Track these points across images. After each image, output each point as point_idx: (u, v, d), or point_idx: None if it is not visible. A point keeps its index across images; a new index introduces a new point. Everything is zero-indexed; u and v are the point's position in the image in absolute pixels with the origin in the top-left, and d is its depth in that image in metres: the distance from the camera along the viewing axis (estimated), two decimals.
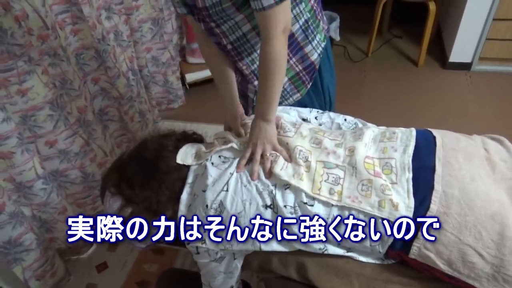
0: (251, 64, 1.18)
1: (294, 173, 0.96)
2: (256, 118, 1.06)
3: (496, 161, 0.96)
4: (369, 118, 1.21)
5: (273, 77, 1.01)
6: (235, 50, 1.14)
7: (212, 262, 1.01)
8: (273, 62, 0.99)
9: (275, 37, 0.97)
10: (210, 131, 2.40)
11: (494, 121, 2.30)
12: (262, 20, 0.97)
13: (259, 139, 1.02)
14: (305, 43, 1.16)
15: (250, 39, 1.11)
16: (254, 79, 1.22)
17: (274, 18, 0.95)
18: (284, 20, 0.97)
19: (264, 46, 1.00)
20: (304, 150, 1.00)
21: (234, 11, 1.01)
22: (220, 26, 1.08)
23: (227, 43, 1.13)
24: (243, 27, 1.07)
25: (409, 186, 0.91)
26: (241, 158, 1.01)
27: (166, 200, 1.01)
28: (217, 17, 1.04)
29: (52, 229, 1.61)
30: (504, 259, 0.83)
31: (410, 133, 1.03)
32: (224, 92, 1.24)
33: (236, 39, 1.11)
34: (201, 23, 1.10)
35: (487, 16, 2.45)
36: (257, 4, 0.94)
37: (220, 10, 1.00)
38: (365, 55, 3.01)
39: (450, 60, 2.71)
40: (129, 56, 2.05)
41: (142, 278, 1.68)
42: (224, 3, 0.99)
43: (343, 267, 0.97)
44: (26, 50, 1.30)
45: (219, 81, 1.24)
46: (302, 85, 1.24)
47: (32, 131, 1.44)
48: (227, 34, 1.10)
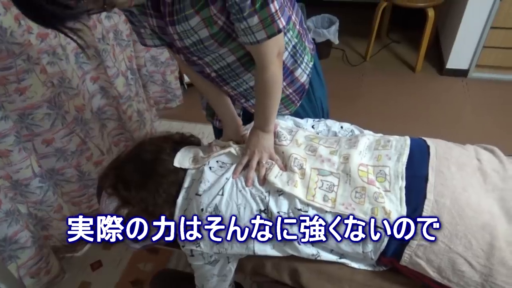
0: (237, 88, 1.15)
1: (289, 179, 0.97)
2: (254, 127, 1.07)
3: (488, 171, 0.97)
4: (365, 122, 1.22)
5: (270, 97, 1.02)
6: (220, 77, 1.11)
7: (206, 265, 1.02)
8: (270, 86, 1.00)
9: (271, 63, 0.97)
10: (208, 131, 2.41)
11: (489, 129, 2.32)
12: (256, 51, 0.95)
13: (257, 147, 1.04)
14: (294, 67, 1.14)
15: (235, 69, 1.07)
16: (240, 98, 1.20)
17: (269, 48, 0.93)
18: (278, 46, 0.96)
19: (260, 73, 0.99)
20: (299, 158, 1.02)
21: (217, 46, 0.97)
22: (202, 58, 1.04)
23: (211, 72, 1.09)
24: (227, 58, 1.03)
25: (402, 195, 0.93)
26: (238, 165, 1.03)
27: (163, 203, 1.02)
28: (198, 53, 1.00)
29: (48, 227, 1.62)
30: (493, 268, 0.84)
31: (405, 141, 1.05)
32: (222, 112, 1.22)
33: (220, 68, 1.07)
34: (180, 54, 1.05)
35: (484, 24, 2.46)
36: (251, 38, 0.91)
37: (202, 48, 0.97)
38: (363, 59, 3.03)
39: (447, 67, 2.73)
40: (128, 55, 2.05)
41: (136, 277, 1.68)
42: (206, 41, 0.94)
43: (336, 273, 0.98)
44: (25, 49, 1.30)
45: (214, 103, 1.22)
46: (291, 104, 1.23)
47: (29, 130, 1.44)
48: (210, 64, 1.06)
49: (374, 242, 0.92)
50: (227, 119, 1.22)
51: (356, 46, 3.16)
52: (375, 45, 3.00)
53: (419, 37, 2.72)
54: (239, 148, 1.09)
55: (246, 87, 1.14)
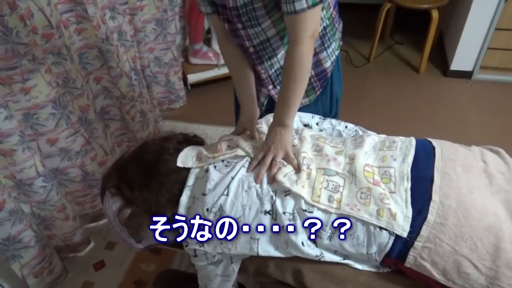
0: (270, 69, 1.18)
1: (298, 179, 0.97)
2: (274, 122, 1.07)
3: (493, 173, 0.97)
4: (368, 123, 1.22)
5: (296, 81, 1.01)
6: (257, 54, 1.15)
7: (210, 265, 1.02)
8: (298, 66, 0.99)
9: (303, 41, 0.97)
10: (211, 132, 2.42)
11: (493, 131, 2.31)
12: (292, 24, 0.96)
13: (274, 144, 1.03)
14: (320, 49, 1.16)
15: (273, 43, 1.11)
16: (269, 83, 1.22)
17: (304, 22, 0.95)
18: (314, 26, 0.97)
19: (291, 50, 0.99)
20: (307, 157, 1.01)
21: (264, 14, 1.01)
22: (246, 28, 1.08)
23: (249, 46, 1.13)
24: (268, 31, 1.07)
25: (407, 196, 0.92)
26: (253, 160, 1.02)
27: (166, 202, 1.02)
28: (245, 18, 1.04)
29: (51, 227, 1.62)
30: (499, 271, 0.84)
31: (410, 142, 1.04)
32: (242, 93, 1.23)
33: (260, 42, 1.11)
34: (226, 23, 1.10)
35: (489, 25, 2.46)
36: (289, 7, 0.93)
37: (251, 9, 1.00)
38: (367, 60, 3.02)
39: (451, 68, 2.73)
40: (132, 56, 2.06)
41: (139, 278, 1.68)
42: (256, 3, 0.99)
43: (339, 274, 0.97)
44: (30, 49, 1.31)
45: (238, 81, 1.23)
46: (312, 90, 1.24)
47: (33, 129, 1.45)
48: (251, 37, 1.10)
49: (379, 244, 0.91)
50: (247, 103, 1.22)
51: (359, 47, 3.16)
52: (378, 47, 2.99)
53: (423, 39, 2.72)
54: (249, 147, 1.07)
55: (277, 67, 1.17)
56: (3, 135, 1.29)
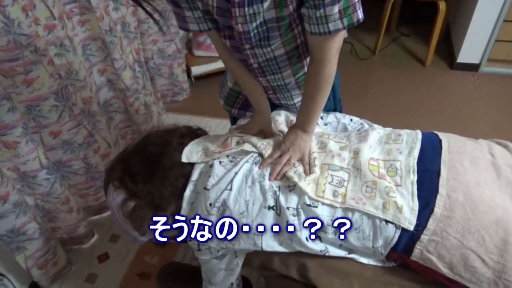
0: (272, 82, 1.13)
1: (306, 176, 0.96)
2: (295, 125, 1.06)
3: (501, 166, 0.95)
4: (374, 116, 1.20)
5: (320, 93, 1.00)
6: (260, 69, 1.09)
7: (213, 259, 1.02)
8: (324, 83, 0.98)
9: (332, 59, 0.94)
10: (215, 125, 2.41)
11: (500, 124, 2.28)
12: (320, 43, 0.91)
13: (293, 146, 1.02)
14: None
15: (280, 62, 1.05)
16: (269, 90, 1.18)
17: (334, 41, 0.90)
18: (341, 40, 0.93)
19: (318, 68, 0.95)
20: (315, 155, 1.01)
21: (277, 35, 0.94)
22: (253, 48, 1.00)
23: (253, 63, 1.06)
24: (276, 51, 1.01)
25: (413, 189, 0.91)
26: (269, 157, 1.02)
27: (169, 195, 1.01)
28: (256, 39, 0.96)
29: (55, 219, 1.62)
30: (507, 265, 0.83)
31: (416, 135, 1.03)
32: (257, 100, 1.17)
33: (265, 60, 1.04)
34: (227, 40, 1.01)
35: (497, 17, 2.42)
36: (322, 28, 0.86)
37: (264, 30, 0.93)
38: (372, 53, 2.99)
39: (458, 61, 2.69)
40: (135, 47, 2.04)
41: (143, 270, 1.69)
42: (270, 23, 0.91)
43: (344, 268, 0.97)
44: (33, 40, 1.29)
45: (253, 92, 1.17)
46: None
47: (36, 121, 1.44)
48: (257, 56, 1.03)
49: (385, 237, 0.90)
50: (263, 106, 1.17)
51: (365, 39, 3.13)
52: (384, 39, 2.96)
53: (429, 31, 2.68)
54: (261, 143, 1.05)
55: (280, 84, 1.13)
56: (6, 127, 1.28)
